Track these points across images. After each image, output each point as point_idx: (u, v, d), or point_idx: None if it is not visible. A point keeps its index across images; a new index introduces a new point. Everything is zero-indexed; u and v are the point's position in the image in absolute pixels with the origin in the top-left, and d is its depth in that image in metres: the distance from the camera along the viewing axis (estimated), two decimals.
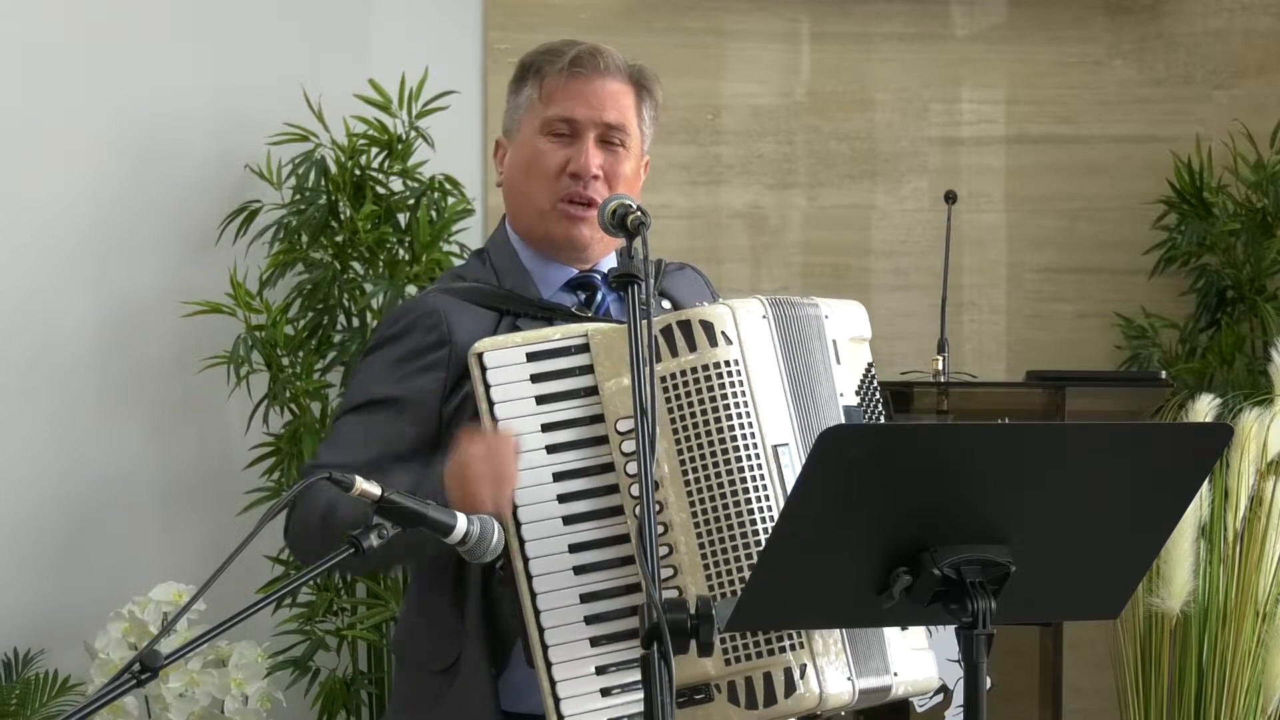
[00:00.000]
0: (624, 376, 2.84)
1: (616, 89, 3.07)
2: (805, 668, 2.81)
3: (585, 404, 2.88)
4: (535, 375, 2.88)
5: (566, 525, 2.86)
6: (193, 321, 5.18)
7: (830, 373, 2.99)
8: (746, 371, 2.87)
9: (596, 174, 3.04)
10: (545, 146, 3.06)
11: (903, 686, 2.93)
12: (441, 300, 3.04)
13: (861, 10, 5.71)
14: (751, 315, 2.91)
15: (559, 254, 3.10)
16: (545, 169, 3.05)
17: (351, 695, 5.15)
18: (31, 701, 4.92)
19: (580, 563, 2.85)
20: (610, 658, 2.84)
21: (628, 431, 2.85)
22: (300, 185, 5.24)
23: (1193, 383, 5.42)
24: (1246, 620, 4.73)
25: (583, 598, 2.85)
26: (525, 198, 3.09)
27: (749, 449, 2.85)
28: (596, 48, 3.08)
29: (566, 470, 2.87)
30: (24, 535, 5.13)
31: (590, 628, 2.84)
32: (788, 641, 2.81)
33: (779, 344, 2.93)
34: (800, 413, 2.92)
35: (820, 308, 3.02)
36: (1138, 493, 2.66)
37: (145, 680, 2.42)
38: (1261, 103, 5.67)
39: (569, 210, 3.05)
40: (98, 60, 5.21)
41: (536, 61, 3.10)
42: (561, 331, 2.91)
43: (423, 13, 5.56)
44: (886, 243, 5.72)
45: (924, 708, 4.73)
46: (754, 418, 2.86)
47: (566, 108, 3.05)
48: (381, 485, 2.62)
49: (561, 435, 2.87)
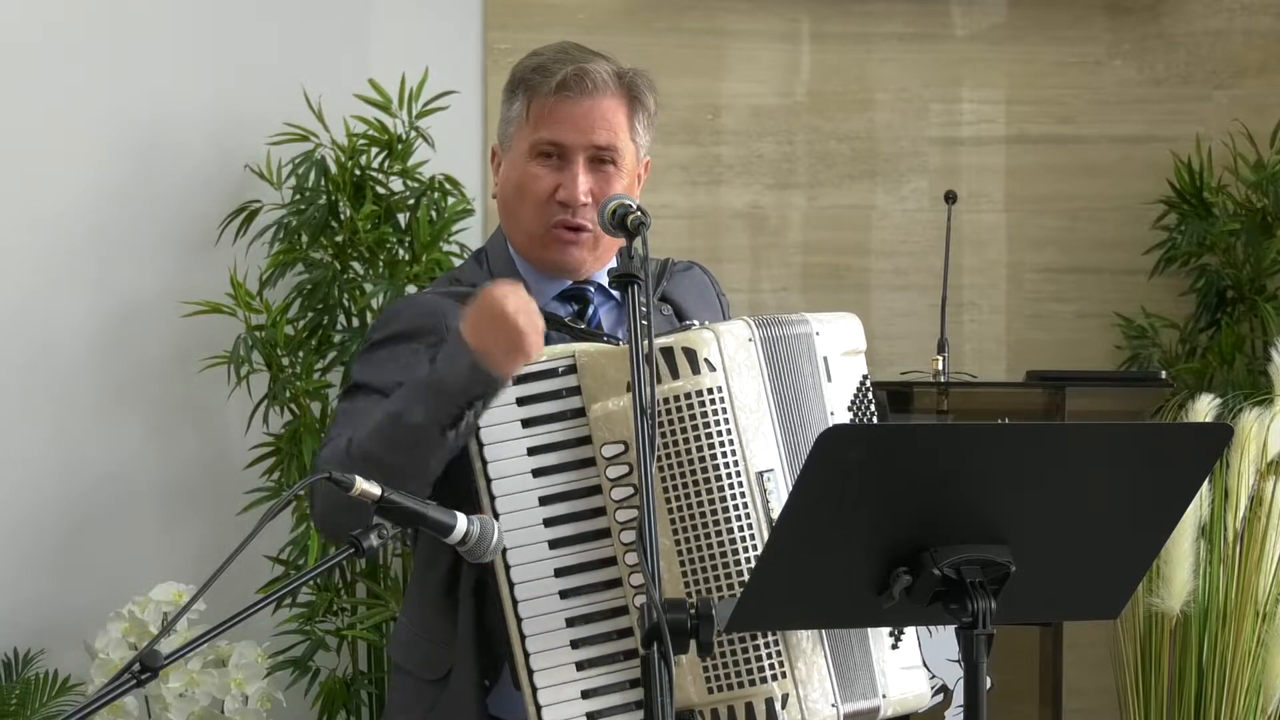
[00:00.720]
0: (611, 399, 2.84)
1: (606, 107, 3.04)
2: (787, 697, 2.80)
3: (572, 426, 2.86)
4: (521, 398, 2.87)
5: (552, 549, 2.85)
6: (193, 321, 5.18)
7: (820, 392, 2.95)
8: (730, 398, 2.85)
9: (585, 201, 3.03)
10: (535, 170, 3.04)
11: (892, 707, 2.92)
12: (438, 301, 3.04)
13: (861, 10, 5.71)
14: (737, 339, 2.89)
15: (552, 272, 3.11)
16: (535, 194, 3.04)
17: (351, 695, 5.15)
18: (31, 701, 4.92)
19: (566, 586, 2.84)
20: (595, 681, 2.83)
21: (614, 457, 2.84)
22: (300, 185, 5.24)
23: (1193, 383, 5.42)
24: (1246, 620, 4.73)
25: (568, 621, 2.84)
26: (516, 220, 3.09)
27: (731, 477, 2.83)
28: (582, 68, 3.04)
29: (552, 494, 2.86)
30: (24, 535, 5.13)
31: (575, 651, 2.83)
32: (770, 671, 2.80)
33: (766, 367, 2.90)
34: (788, 437, 2.89)
35: (810, 324, 2.98)
36: (1138, 493, 2.66)
37: (145, 680, 2.42)
38: (1261, 103, 5.67)
39: (560, 236, 3.05)
40: (98, 60, 5.21)
41: (526, 78, 3.07)
42: (549, 353, 2.89)
43: (423, 13, 5.56)
44: (886, 243, 5.72)
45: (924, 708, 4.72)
46: (737, 445, 2.84)
47: (554, 132, 3.03)
48: (381, 486, 2.62)
49: (548, 458, 2.86)
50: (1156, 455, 2.65)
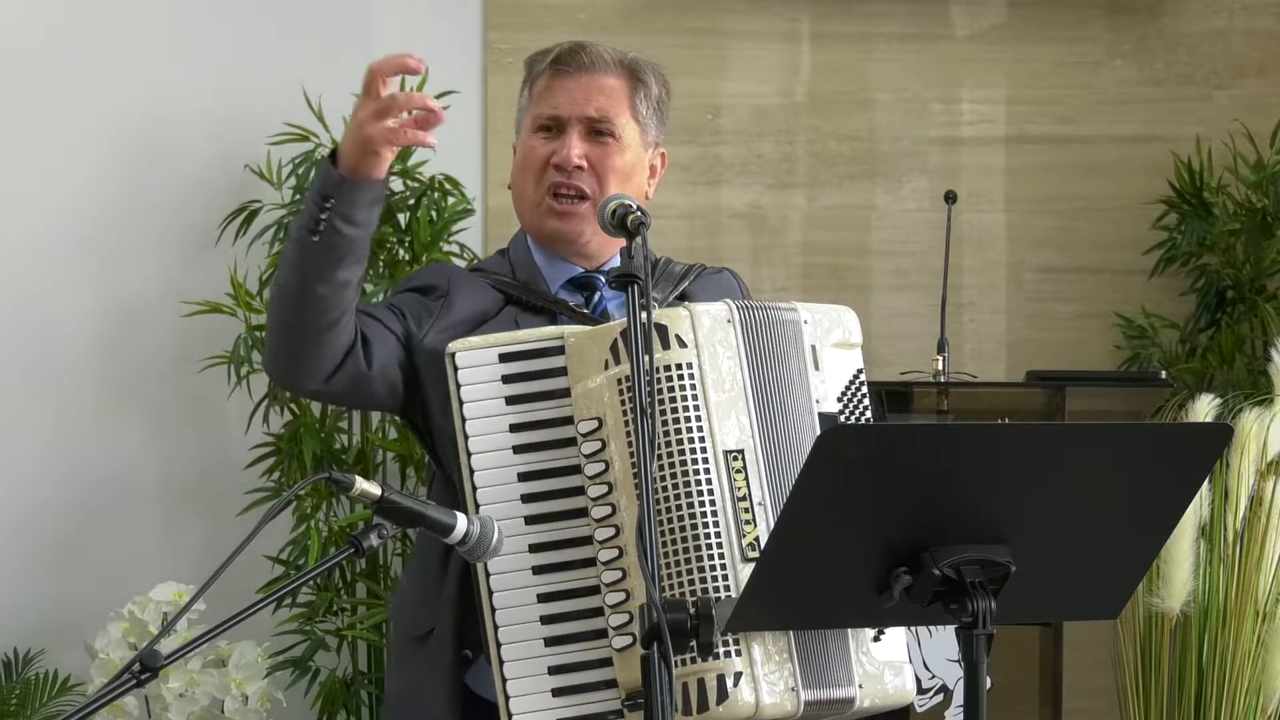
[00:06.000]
0: (590, 379, 2.86)
1: (603, 82, 3.13)
2: (740, 675, 2.77)
3: (556, 406, 2.89)
4: (507, 376, 2.89)
5: (528, 525, 2.86)
6: (193, 321, 5.18)
7: (806, 379, 2.95)
8: (702, 376, 2.85)
9: (580, 164, 3.10)
10: (533, 143, 3.15)
11: (869, 699, 2.88)
12: (457, 270, 3.21)
13: (861, 10, 5.71)
14: (714, 319, 2.89)
15: (559, 249, 3.16)
16: (533, 164, 3.14)
17: (351, 695, 5.15)
18: (31, 701, 4.92)
19: (540, 563, 2.86)
20: (565, 658, 2.84)
21: (589, 433, 2.86)
22: (300, 185, 5.24)
23: (1193, 383, 5.42)
24: (1246, 620, 4.73)
25: (540, 598, 2.85)
26: (521, 194, 3.18)
27: (696, 454, 2.82)
28: (581, 43, 3.16)
29: (532, 471, 2.88)
30: (24, 535, 5.13)
31: (546, 628, 2.84)
32: (724, 649, 2.77)
33: (745, 348, 2.90)
34: (764, 420, 2.88)
35: (799, 312, 2.98)
36: (1138, 493, 2.66)
37: (145, 680, 2.42)
38: (1261, 103, 5.67)
39: (554, 205, 3.12)
40: (98, 60, 5.21)
41: (531, 62, 3.20)
42: (538, 334, 2.94)
43: (423, 13, 5.56)
44: (886, 243, 5.72)
45: (924, 708, 4.73)
46: (705, 422, 2.84)
47: (551, 104, 3.14)
48: (381, 485, 2.63)
49: (529, 436, 2.88)
50: (1156, 455, 2.65)
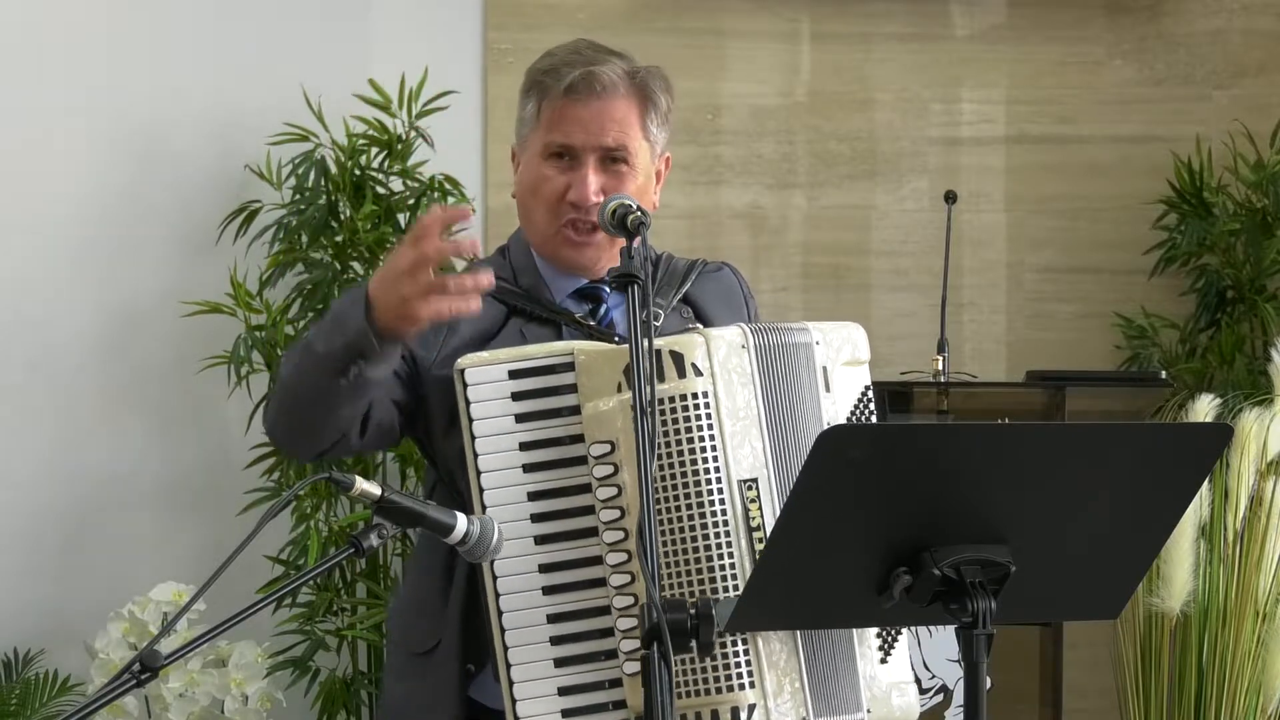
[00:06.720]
0: (602, 399, 2.84)
1: (616, 108, 3.07)
2: (754, 708, 2.79)
3: (566, 423, 2.87)
4: (516, 393, 2.87)
5: (538, 545, 2.85)
6: (193, 322, 5.18)
7: (818, 402, 2.94)
8: (716, 404, 2.84)
9: (597, 200, 3.04)
10: (547, 172, 3.07)
11: None
12: None
13: (861, 10, 5.71)
14: (729, 345, 2.88)
15: (567, 270, 3.13)
16: (547, 195, 3.07)
17: (351, 695, 5.15)
18: (31, 701, 4.92)
19: (550, 583, 2.85)
20: (574, 679, 2.83)
21: (601, 456, 2.84)
22: (300, 185, 5.24)
23: (1193, 383, 5.42)
24: (1246, 620, 4.73)
25: (550, 618, 2.84)
26: (531, 220, 3.13)
27: (711, 483, 2.82)
28: (591, 70, 3.06)
29: (542, 490, 2.86)
30: (24, 535, 5.13)
31: (555, 648, 2.83)
32: (739, 680, 2.78)
33: (759, 375, 2.89)
34: (778, 447, 2.88)
35: (811, 333, 2.97)
36: (1138, 493, 2.66)
37: (145, 680, 2.42)
38: (1261, 103, 5.67)
39: (572, 237, 3.08)
40: (98, 60, 5.21)
41: (538, 80, 3.11)
42: (547, 350, 2.91)
43: (423, 13, 5.56)
44: (886, 243, 5.72)
45: (924, 708, 4.73)
46: (720, 451, 2.83)
47: (564, 134, 3.06)
48: (381, 485, 2.63)
49: (539, 454, 2.86)
50: (1156, 455, 2.65)
